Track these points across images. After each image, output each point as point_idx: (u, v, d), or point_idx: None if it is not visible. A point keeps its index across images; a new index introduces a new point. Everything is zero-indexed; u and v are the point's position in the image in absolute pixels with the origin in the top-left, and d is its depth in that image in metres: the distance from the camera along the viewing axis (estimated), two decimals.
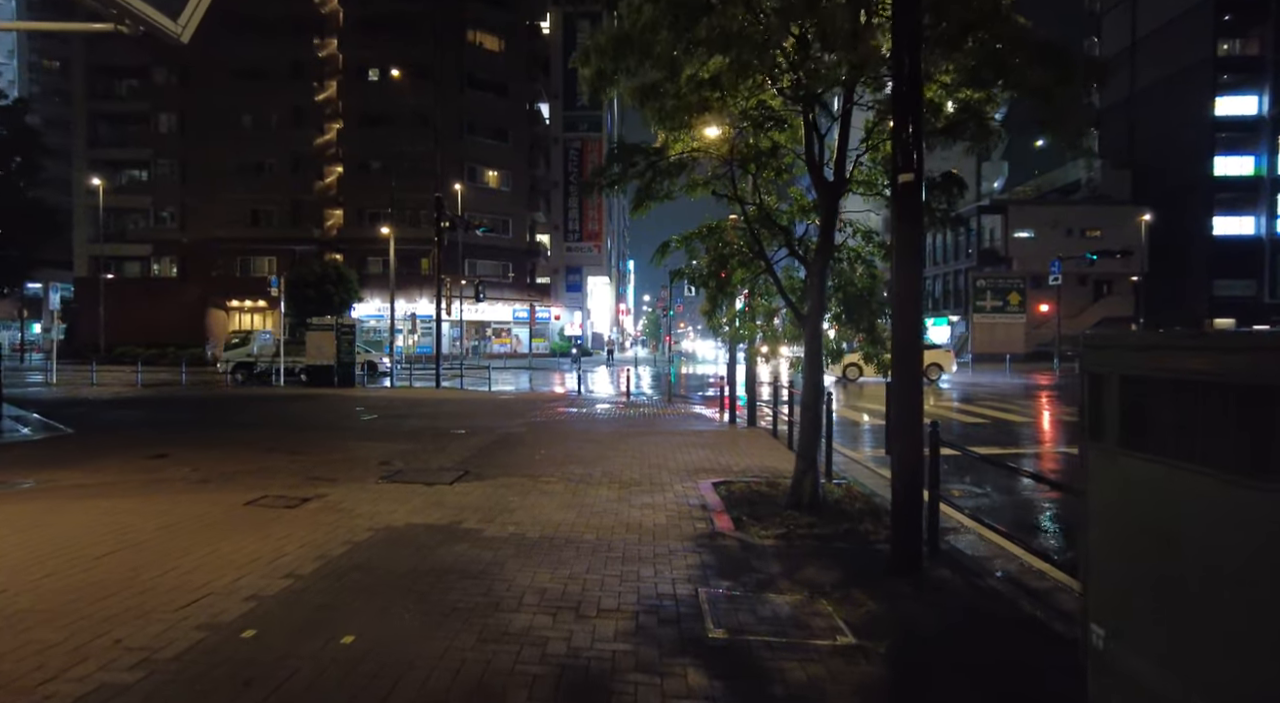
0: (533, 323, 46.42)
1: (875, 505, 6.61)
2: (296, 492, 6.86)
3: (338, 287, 38.45)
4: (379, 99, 46.26)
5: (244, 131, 46.74)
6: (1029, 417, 15.48)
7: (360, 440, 10.55)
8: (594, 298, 62.55)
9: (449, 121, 44.55)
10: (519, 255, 49.67)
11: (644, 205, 6.96)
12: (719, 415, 15.06)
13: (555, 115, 57.67)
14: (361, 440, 10.54)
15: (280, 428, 12.29)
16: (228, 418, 14.20)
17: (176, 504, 6.34)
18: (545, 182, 55.52)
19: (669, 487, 7.42)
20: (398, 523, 5.77)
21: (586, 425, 12.90)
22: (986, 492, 7.88)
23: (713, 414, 15.29)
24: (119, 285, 46.10)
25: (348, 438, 10.93)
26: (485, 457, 9.18)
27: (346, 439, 10.77)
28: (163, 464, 8.39)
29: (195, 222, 46.23)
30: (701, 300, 7.94)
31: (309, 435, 11.28)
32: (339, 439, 10.79)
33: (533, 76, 52.19)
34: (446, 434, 11.32)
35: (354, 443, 10.33)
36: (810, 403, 6.61)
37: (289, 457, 9.01)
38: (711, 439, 11.13)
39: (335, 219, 47.00)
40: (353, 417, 14.09)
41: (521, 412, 15.18)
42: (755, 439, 11.18)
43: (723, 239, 7.04)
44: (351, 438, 10.88)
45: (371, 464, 8.49)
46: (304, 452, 9.46)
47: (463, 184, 43.44)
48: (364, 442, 10.42)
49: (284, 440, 10.48)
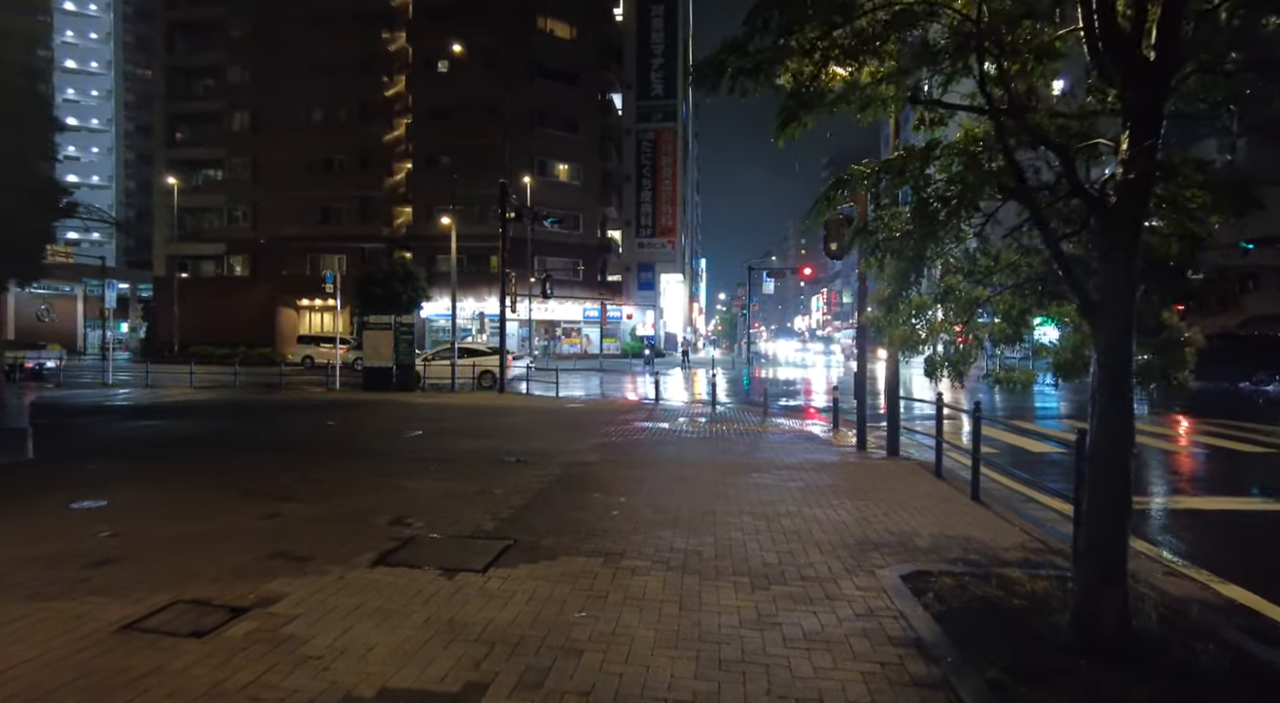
0: (603, 322, 44.11)
1: (1242, 653, 3.59)
2: (233, 590, 4.29)
3: (405, 285, 37.03)
4: (447, 91, 44.84)
5: (314, 128, 46.18)
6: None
7: (382, 475, 8.04)
8: (667, 296, 59.75)
9: (518, 113, 42.70)
10: (589, 252, 47.42)
11: (796, 122, 4.11)
12: (834, 435, 12.07)
13: (628, 106, 55.19)
14: (383, 475, 8.04)
15: (294, 451, 10.00)
16: (245, 432, 12.08)
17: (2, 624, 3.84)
18: (617, 175, 53.13)
19: (832, 584, 4.56)
20: (364, 695, 3.12)
21: (674, 451, 10.13)
22: None
23: (825, 432, 12.30)
24: (194, 285, 46.27)
25: (367, 469, 8.49)
26: (541, 508, 6.52)
27: (364, 472, 8.32)
28: (82, 520, 6.02)
29: (266, 220, 45.93)
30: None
31: (321, 463, 8.90)
32: (355, 471, 8.34)
33: (605, 65, 49.88)
34: (497, 463, 8.76)
35: (372, 479, 7.86)
36: (1111, 459, 3.65)
37: (271, 505, 6.56)
38: (848, 477, 8.18)
39: (404, 216, 45.88)
40: (390, 434, 11.73)
41: (591, 427, 12.55)
42: (909, 478, 8.15)
43: (967, 161, 4.05)
44: (371, 470, 8.41)
45: (378, 523, 5.92)
46: (297, 495, 7.01)
47: (532, 177, 41.49)
48: (386, 477, 7.92)
49: (282, 473, 8.09)
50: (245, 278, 46.77)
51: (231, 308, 44.81)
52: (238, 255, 47.37)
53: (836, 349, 63.66)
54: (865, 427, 10.65)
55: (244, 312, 44.57)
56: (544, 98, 45.58)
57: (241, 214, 47.07)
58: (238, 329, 43.73)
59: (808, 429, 13.06)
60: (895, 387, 9.76)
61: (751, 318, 67.09)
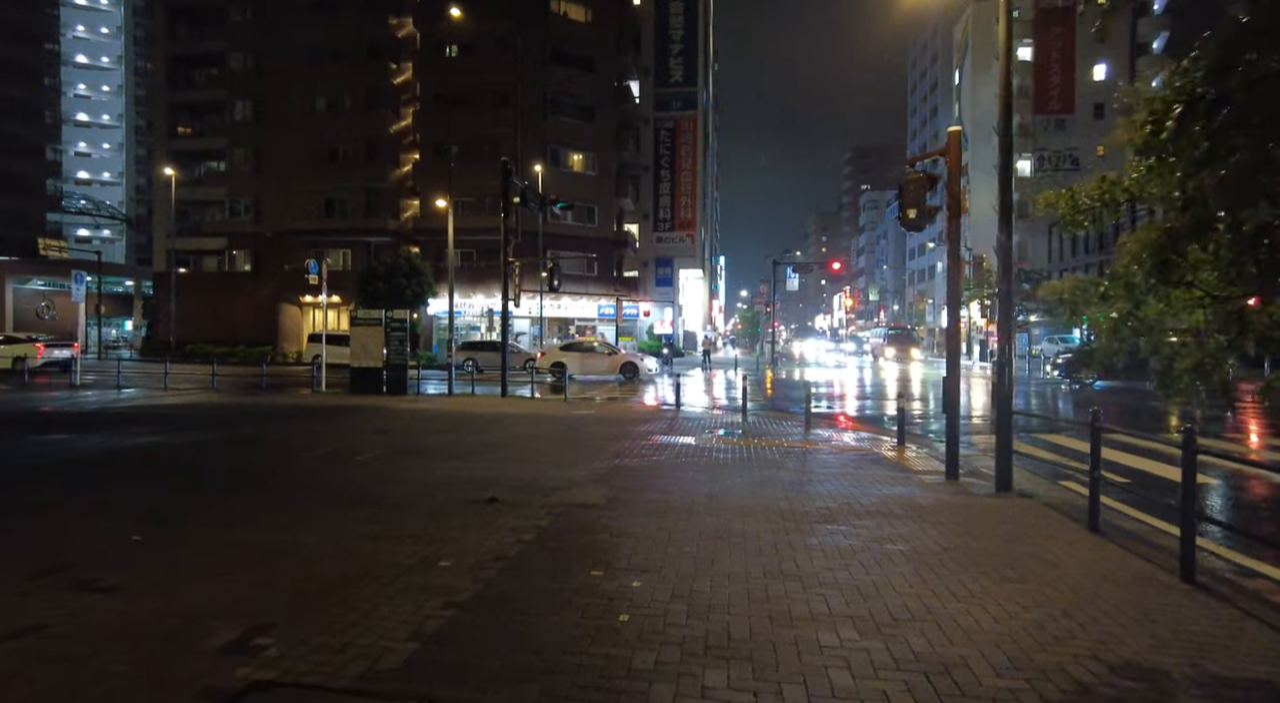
0: (619, 320, 41.64)
1: None
2: None
3: (410, 279, 34.87)
4: (457, 78, 42.59)
5: (318, 117, 44.15)
6: None
7: (279, 530, 5.47)
8: (686, 293, 57.11)
9: (531, 100, 40.41)
10: (604, 246, 44.96)
11: None
12: (898, 454, 9.55)
13: (645, 93, 52.63)
14: (282, 529, 5.48)
15: (194, 483, 7.53)
16: (162, 451, 9.69)
17: None
18: (634, 166, 50.60)
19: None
20: None
21: (706, 482, 7.61)
22: None
23: (888, 451, 9.75)
24: (193, 281, 44.48)
25: (270, 514, 6.02)
26: (501, 607, 4.00)
27: (262, 520, 5.83)
28: None
29: (270, 213, 43.98)
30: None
31: (212, 504, 6.47)
32: (246, 521, 5.85)
33: (622, 50, 47.37)
34: (465, 504, 6.30)
35: (263, 534, 5.35)
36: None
37: (68, 595, 4.11)
38: (964, 532, 5.60)
39: (412, 210, 43.73)
40: (342, 455, 9.28)
41: (599, 443, 10.07)
42: (1052, 534, 5.55)
43: None
44: (273, 517, 5.91)
45: (206, 646, 3.40)
46: (127, 568, 4.60)
47: (544, 166, 39.17)
48: (285, 532, 5.40)
49: (146, 522, 5.69)
50: (247, 274, 44.89)
51: (232, 305, 42.96)
52: (240, 250, 45.47)
53: (867, 349, 60.81)
54: (957, 449, 8.09)
55: (245, 308, 42.69)
56: (558, 84, 43.21)
57: (244, 207, 45.15)
58: (239, 327, 41.85)
59: (863, 445, 10.50)
60: (1008, 396, 7.16)
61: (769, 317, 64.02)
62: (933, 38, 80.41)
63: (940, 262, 74.18)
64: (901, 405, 10.69)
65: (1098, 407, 5.80)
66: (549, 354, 26.78)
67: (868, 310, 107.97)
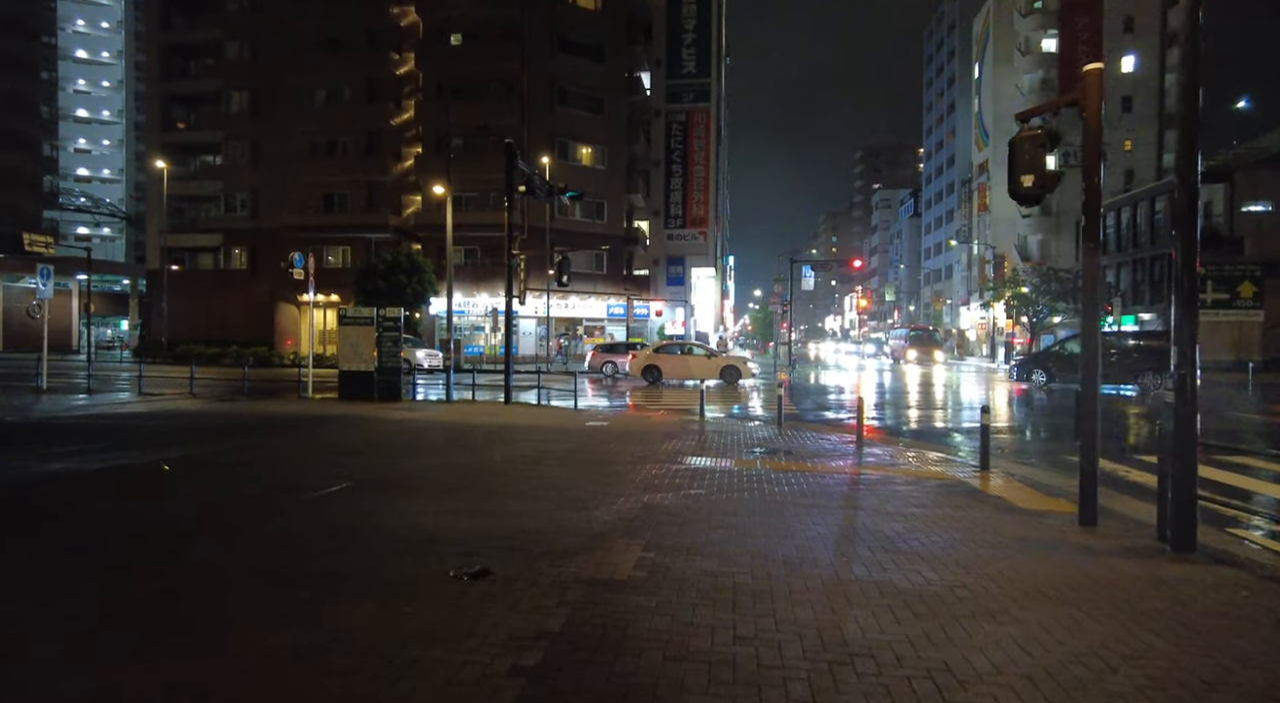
0: (629, 320, 39.71)
1: None
2: None
3: (410, 277, 33.04)
4: (460, 67, 40.82)
5: (317, 109, 42.46)
6: None
7: (132, 654, 3.69)
8: (698, 292, 55.13)
9: (538, 90, 38.54)
10: (614, 243, 43.04)
11: None
12: (981, 481, 7.63)
13: (657, 85, 50.75)
14: (135, 655, 3.69)
15: (77, 546, 5.69)
16: (68, 490, 7.85)
17: None
18: (644, 160, 48.69)
19: None
20: None
21: (775, 539, 5.63)
22: None
23: (970, 478, 7.80)
24: (187, 279, 42.79)
25: (129, 626, 4.16)
26: None
27: (110, 644, 4.00)
28: None
29: (267, 209, 42.27)
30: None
31: (55, 608, 4.61)
32: (94, 640, 4.02)
33: (632, 39, 45.47)
34: (438, 582, 4.37)
35: (111, 664, 3.52)
36: None
37: None
38: (1204, 648, 3.63)
39: (414, 205, 41.93)
40: (297, 486, 7.35)
41: (620, 469, 8.14)
42: None
43: None
44: (136, 634, 4.07)
45: None
46: None
47: (552, 159, 37.28)
48: (136, 662, 3.58)
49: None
50: (243, 271, 43.21)
51: (227, 303, 41.27)
52: (237, 247, 43.77)
53: (887, 350, 58.81)
54: (1095, 487, 6.12)
55: (241, 307, 41.01)
56: (566, 74, 41.38)
57: (240, 202, 43.47)
58: (234, 326, 40.16)
59: (936, 470, 8.54)
60: (1192, 414, 5.19)
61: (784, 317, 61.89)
62: (949, 32, 78.27)
63: (957, 262, 71.92)
64: (986, 422, 8.74)
65: None
66: (640, 357, 24.90)
67: (881, 311, 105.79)
